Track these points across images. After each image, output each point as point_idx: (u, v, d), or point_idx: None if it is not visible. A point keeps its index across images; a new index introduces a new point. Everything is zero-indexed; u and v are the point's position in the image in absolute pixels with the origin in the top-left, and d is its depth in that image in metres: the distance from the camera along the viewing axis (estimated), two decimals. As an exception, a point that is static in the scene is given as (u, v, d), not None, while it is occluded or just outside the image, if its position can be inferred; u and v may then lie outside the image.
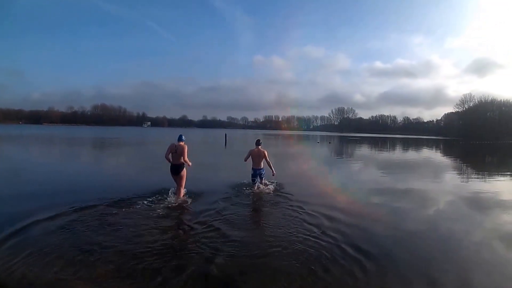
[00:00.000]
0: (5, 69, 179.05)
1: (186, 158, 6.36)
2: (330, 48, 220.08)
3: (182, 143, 6.42)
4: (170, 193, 6.47)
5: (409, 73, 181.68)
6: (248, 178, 7.89)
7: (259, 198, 6.88)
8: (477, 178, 12.37)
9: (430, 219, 5.96)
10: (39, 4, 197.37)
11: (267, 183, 7.85)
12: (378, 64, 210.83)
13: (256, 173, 7.60)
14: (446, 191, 8.84)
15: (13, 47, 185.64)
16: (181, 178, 6.39)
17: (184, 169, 6.43)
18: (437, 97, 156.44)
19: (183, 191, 6.51)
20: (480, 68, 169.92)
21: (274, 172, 7.62)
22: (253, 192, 7.25)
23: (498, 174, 13.25)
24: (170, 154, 6.39)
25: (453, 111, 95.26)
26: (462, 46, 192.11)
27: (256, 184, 7.57)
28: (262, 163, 7.60)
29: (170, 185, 6.70)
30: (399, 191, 8.56)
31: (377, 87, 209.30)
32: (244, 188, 7.50)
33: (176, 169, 6.36)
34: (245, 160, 7.78)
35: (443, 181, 11.02)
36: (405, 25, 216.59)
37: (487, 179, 11.80)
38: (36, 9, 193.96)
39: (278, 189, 7.65)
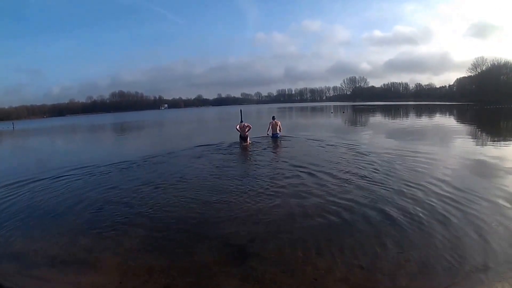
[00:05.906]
0: (24, 69, 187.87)
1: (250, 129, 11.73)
2: (327, 22, 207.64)
3: (247, 124, 11.76)
4: (239, 145, 11.53)
5: (410, 39, 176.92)
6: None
7: (279, 143, 12.21)
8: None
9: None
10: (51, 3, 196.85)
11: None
12: (378, 33, 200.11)
13: (274, 136, 12.96)
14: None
15: (29, 47, 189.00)
16: (247, 142, 11.59)
17: (249, 138, 11.66)
18: (443, 63, 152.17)
19: (249, 142, 11.69)
20: (480, 31, 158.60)
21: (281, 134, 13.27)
22: (274, 141, 12.62)
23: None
24: (239, 127, 11.66)
25: (465, 75, 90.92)
26: (457, 10, 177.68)
27: (275, 139, 12.89)
28: (277, 129, 12.97)
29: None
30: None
31: (381, 56, 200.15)
32: (269, 140, 12.84)
33: (245, 138, 11.64)
34: (268, 130, 13.06)
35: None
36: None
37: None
38: (50, 8, 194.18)
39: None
